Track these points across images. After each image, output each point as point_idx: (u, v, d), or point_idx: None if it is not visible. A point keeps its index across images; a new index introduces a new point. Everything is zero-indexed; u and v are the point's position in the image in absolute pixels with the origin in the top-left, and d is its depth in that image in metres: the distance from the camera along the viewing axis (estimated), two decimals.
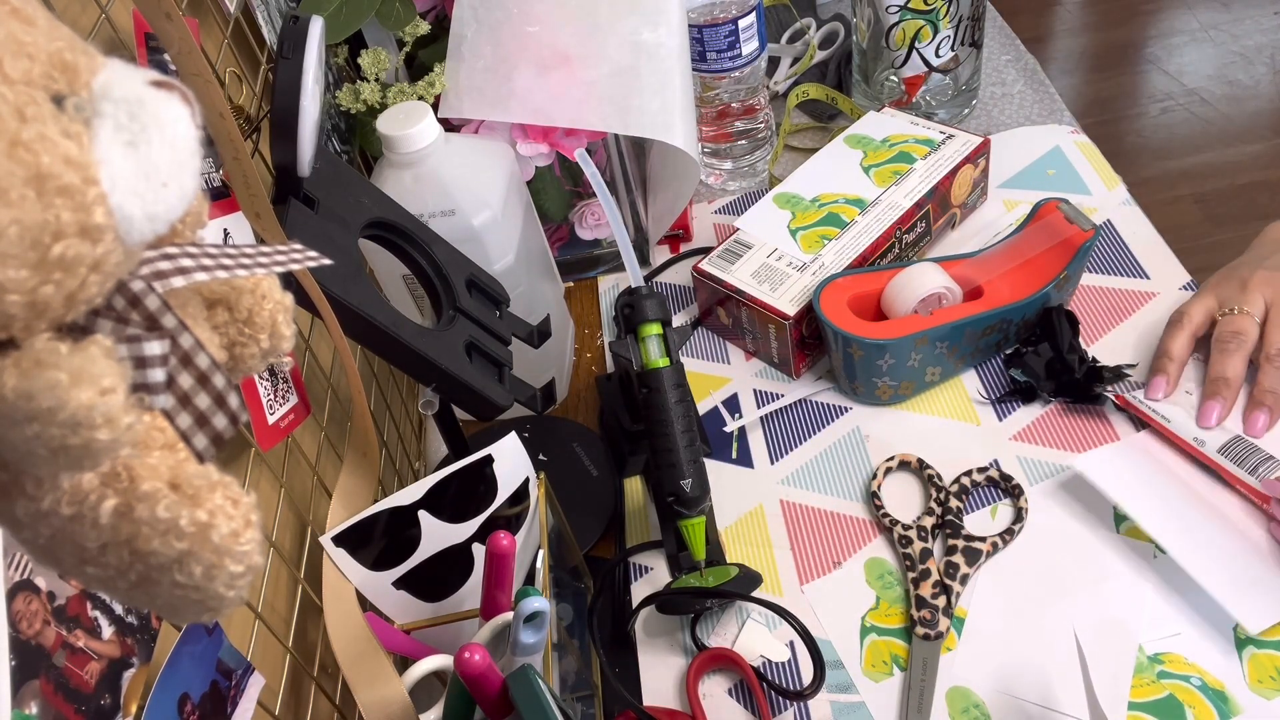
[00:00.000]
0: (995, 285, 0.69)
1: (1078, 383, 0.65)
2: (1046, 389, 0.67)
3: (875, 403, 0.71)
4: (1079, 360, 0.66)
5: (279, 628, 0.51)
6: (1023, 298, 0.67)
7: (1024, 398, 0.68)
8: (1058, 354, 0.66)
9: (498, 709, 0.40)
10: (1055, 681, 0.55)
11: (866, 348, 0.66)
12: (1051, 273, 0.68)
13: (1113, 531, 0.60)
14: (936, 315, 0.67)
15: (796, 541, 0.65)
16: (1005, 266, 0.69)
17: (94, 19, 0.45)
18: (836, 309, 0.68)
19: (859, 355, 0.66)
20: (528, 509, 0.54)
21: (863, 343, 0.66)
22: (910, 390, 0.69)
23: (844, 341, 0.67)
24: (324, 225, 0.52)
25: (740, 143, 0.92)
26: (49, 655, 0.32)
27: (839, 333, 0.66)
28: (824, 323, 0.67)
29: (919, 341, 0.66)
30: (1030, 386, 0.67)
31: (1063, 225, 0.70)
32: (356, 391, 0.54)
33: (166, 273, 0.26)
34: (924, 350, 0.66)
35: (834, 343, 0.68)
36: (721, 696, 0.59)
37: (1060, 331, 0.67)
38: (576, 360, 0.84)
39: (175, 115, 0.24)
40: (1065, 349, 0.66)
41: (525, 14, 0.71)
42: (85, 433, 0.22)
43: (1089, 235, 0.68)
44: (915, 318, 0.67)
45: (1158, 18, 2.46)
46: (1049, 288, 0.67)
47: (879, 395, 0.69)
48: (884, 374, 0.67)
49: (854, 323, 0.67)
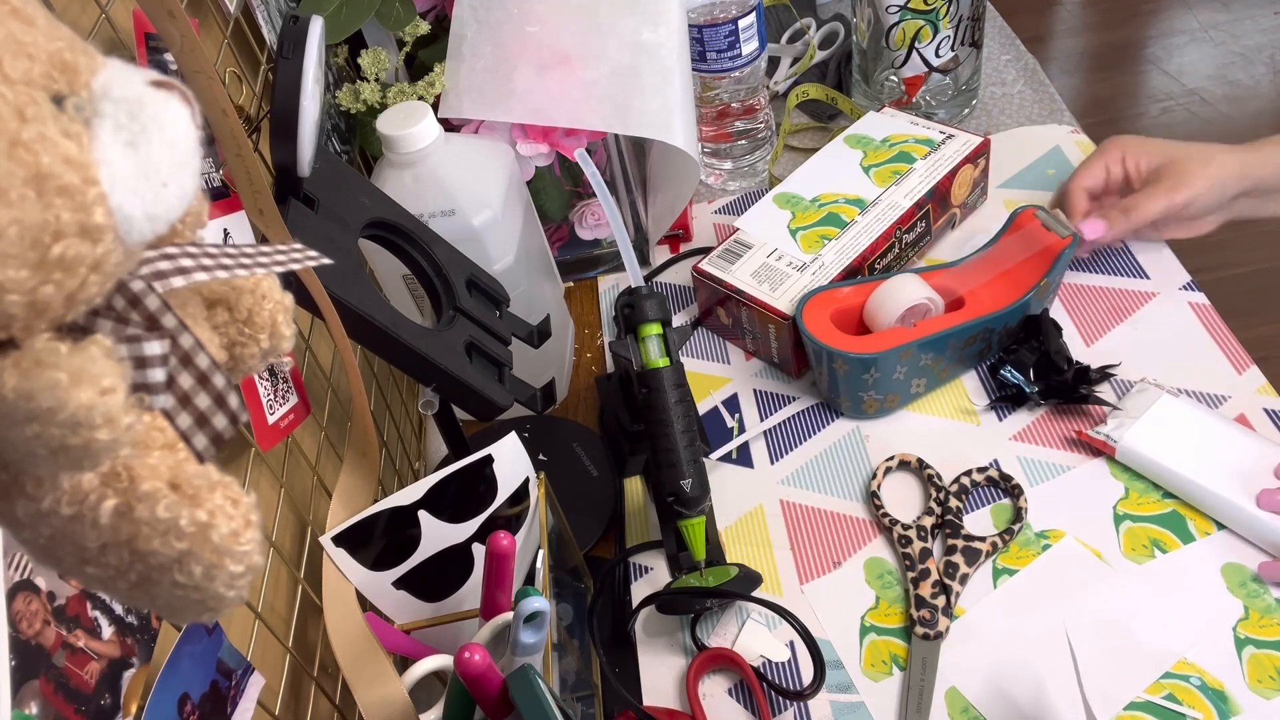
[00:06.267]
0: (976, 295, 0.69)
1: (1066, 383, 0.65)
2: (1036, 391, 0.67)
3: (861, 417, 0.70)
4: (1066, 361, 0.66)
5: (279, 628, 0.51)
6: (1004, 306, 0.67)
7: (1014, 402, 0.68)
8: (1045, 356, 0.66)
9: (498, 709, 0.40)
10: (1050, 682, 0.55)
11: (852, 362, 0.65)
12: (1031, 281, 0.68)
13: (1113, 531, 0.60)
14: (920, 327, 0.66)
15: (796, 541, 0.65)
16: (985, 276, 0.69)
17: (94, 19, 0.45)
18: (819, 324, 0.67)
19: (844, 370, 0.66)
20: (528, 509, 0.54)
21: (848, 357, 0.65)
22: (896, 403, 0.69)
23: (828, 357, 0.66)
24: (324, 225, 0.52)
25: (740, 143, 0.92)
26: (49, 655, 0.32)
27: (823, 349, 0.66)
28: (808, 339, 0.67)
29: (904, 354, 0.65)
30: (1019, 390, 0.67)
31: (1041, 234, 0.70)
32: (356, 391, 0.54)
33: (166, 273, 0.26)
34: (909, 363, 0.66)
35: (818, 359, 0.68)
36: (721, 696, 0.59)
37: (1047, 334, 0.67)
38: (576, 360, 0.84)
39: (175, 115, 0.24)
40: (1053, 351, 0.66)
41: (525, 14, 0.71)
42: (85, 433, 0.22)
43: (1067, 242, 0.68)
44: (899, 330, 0.66)
45: (1158, 18, 2.46)
46: (1029, 295, 0.67)
47: (865, 410, 0.69)
48: (869, 388, 0.67)
49: (838, 337, 0.66)
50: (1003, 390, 0.69)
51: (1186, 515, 0.60)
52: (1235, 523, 0.58)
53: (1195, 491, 0.59)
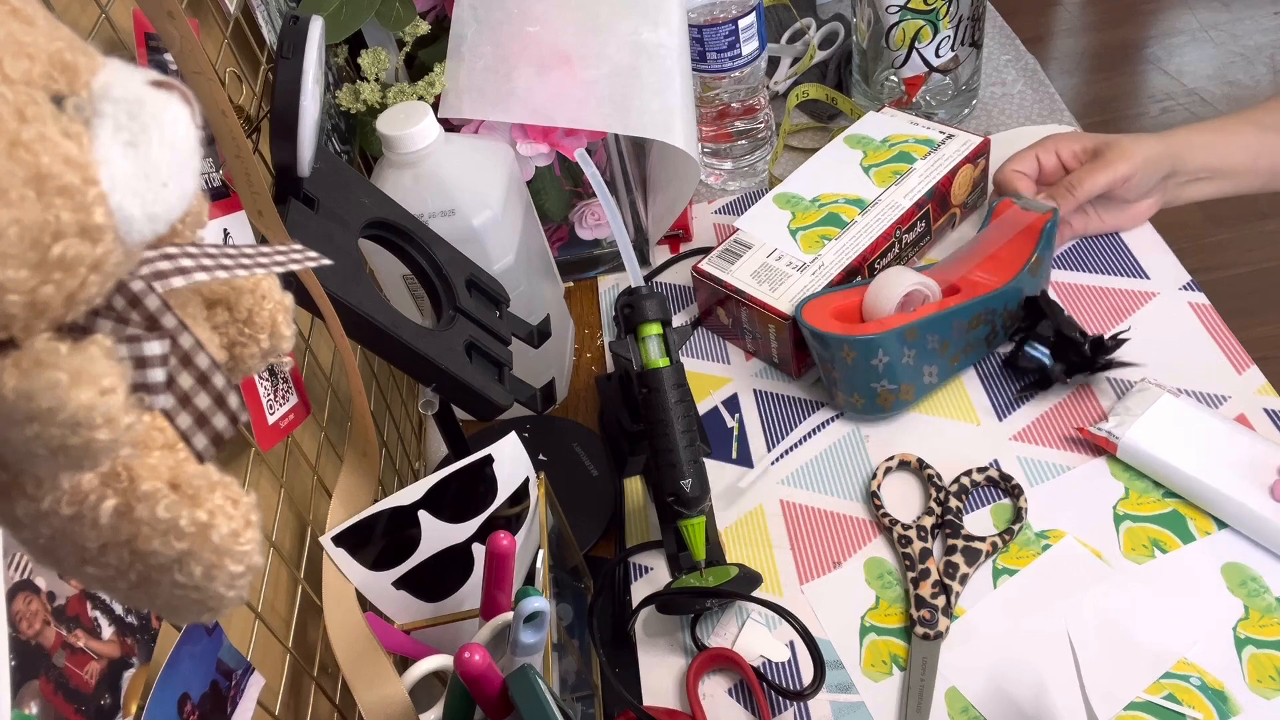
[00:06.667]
0: (970, 280, 0.69)
1: (1086, 358, 0.65)
2: (1058, 372, 0.66)
3: (878, 413, 0.69)
4: (1080, 332, 0.66)
5: (279, 628, 0.51)
6: (1000, 286, 0.68)
7: (1040, 386, 0.68)
8: (1059, 333, 0.66)
9: (498, 709, 0.40)
10: (1050, 682, 0.55)
11: (858, 346, 0.65)
12: (1023, 258, 0.69)
13: (1113, 531, 0.60)
14: (920, 310, 0.67)
15: (796, 541, 0.65)
16: (974, 263, 0.70)
17: (94, 19, 0.45)
18: (822, 321, 0.67)
19: (852, 358, 0.66)
20: (528, 509, 0.54)
21: (854, 341, 0.65)
22: (911, 394, 0.69)
23: (835, 345, 0.66)
24: (324, 225, 0.52)
25: (740, 143, 0.92)
26: (49, 655, 0.32)
27: (828, 337, 0.66)
28: (811, 331, 0.66)
29: (909, 334, 0.65)
30: (1044, 374, 0.67)
31: (1021, 215, 0.71)
32: (356, 391, 0.54)
33: (166, 273, 0.26)
34: (915, 345, 0.66)
35: (825, 351, 0.67)
36: (721, 696, 0.59)
37: (1052, 311, 0.67)
38: (576, 360, 0.84)
39: (175, 115, 0.24)
40: (1063, 325, 0.66)
41: (525, 14, 0.71)
42: (85, 433, 0.22)
43: (1049, 216, 0.70)
44: (901, 315, 0.67)
45: (1158, 18, 2.46)
46: (1024, 271, 0.68)
47: (880, 404, 0.68)
48: (881, 376, 0.67)
49: (841, 326, 0.66)
50: (1025, 377, 0.68)
51: (1187, 515, 0.60)
52: (1239, 520, 0.58)
53: (1199, 489, 0.59)
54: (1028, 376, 0.68)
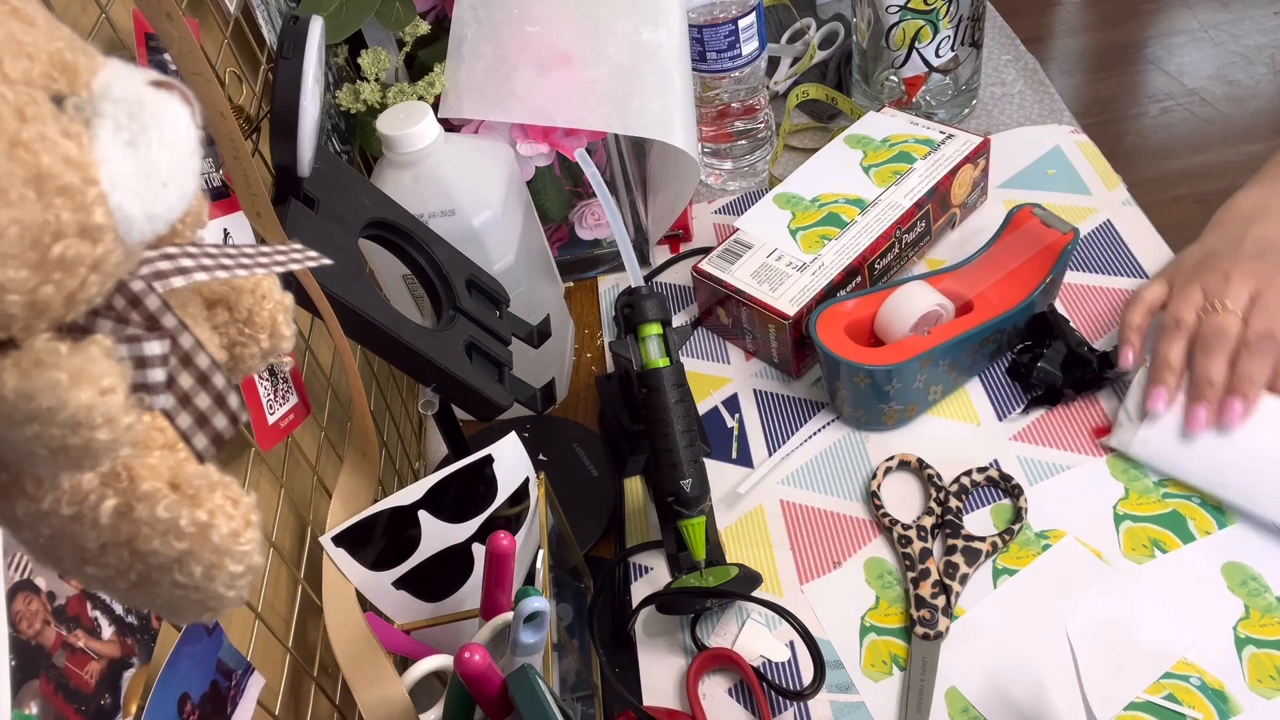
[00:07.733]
0: (984, 297, 0.69)
1: (1095, 374, 0.66)
2: (1069, 387, 0.67)
3: (881, 429, 0.69)
4: (1089, 351, 0.66)
5: (279, 628, 0.51)
6: (1013, 306, 0.67)
7: (1048, 401, 0.68)
8: (1070, 350, 0.66)
9: (498, 709, 0.40)
10: (1050, 682, 0.55)
11: (874, 375, 0.65)
12: (1037, 279, 0.68)
13: (1113, 531, 0.60)
14: (935, 334, 0.66)
15: (796, 541, 0.65)
16: (991, 278, 0.69)
17: (94, 19, 0.45)
18: (835, 340, 0.66)
19: (865, 384, 0.66)
20: (528, 509, 0.54)
21: (871, 371, 0.64)
22: (915, 411, 0.69)
23: (850, 371, 0.65)
24: (324, 225, 0.52)
25: (740, 143, 0.92)
26: (49, 655, 0.32)
27: (845, 363, 0.65)
28: (827, 355, 0.66)
29: (924, 362, 0.65)
30: (1054, 389, 0.67)
31: (1042, 231, 0.70)
32: (356, 391, 0.54)
33: (166, 273, 0.26)
34: (928, 370, 0.66)
35: (839, 374, 0.67)
36: (721, 696, 0.59)
37: (1061, 329, 0.67)
38: (576, 360, 0.84)
39: (175, 115, 0.24)
40: (1074, 344, 0.66)
41: (525, 14, 0.71)
42: (85, 433, 0.22)
43: (1069, 238, 0.69)
44: (915, 339, 0.66)
45: (1158, 18, 2.46)
46: (1036, 293, 0.67)
47: (884, 421, 0.68)
48: (890, 399, 0.66)
49: (857, 351, 0.66)
50: (1032, 390, 0.68)
51: (1186, 515, 0.60)
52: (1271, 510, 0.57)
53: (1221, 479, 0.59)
54: (1035, 390, 0.68)
